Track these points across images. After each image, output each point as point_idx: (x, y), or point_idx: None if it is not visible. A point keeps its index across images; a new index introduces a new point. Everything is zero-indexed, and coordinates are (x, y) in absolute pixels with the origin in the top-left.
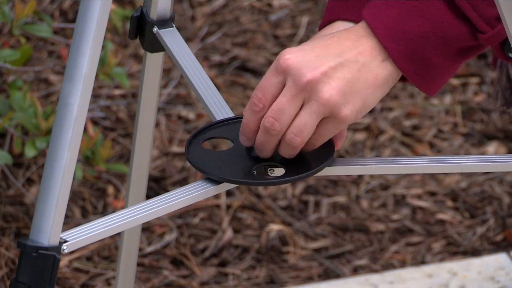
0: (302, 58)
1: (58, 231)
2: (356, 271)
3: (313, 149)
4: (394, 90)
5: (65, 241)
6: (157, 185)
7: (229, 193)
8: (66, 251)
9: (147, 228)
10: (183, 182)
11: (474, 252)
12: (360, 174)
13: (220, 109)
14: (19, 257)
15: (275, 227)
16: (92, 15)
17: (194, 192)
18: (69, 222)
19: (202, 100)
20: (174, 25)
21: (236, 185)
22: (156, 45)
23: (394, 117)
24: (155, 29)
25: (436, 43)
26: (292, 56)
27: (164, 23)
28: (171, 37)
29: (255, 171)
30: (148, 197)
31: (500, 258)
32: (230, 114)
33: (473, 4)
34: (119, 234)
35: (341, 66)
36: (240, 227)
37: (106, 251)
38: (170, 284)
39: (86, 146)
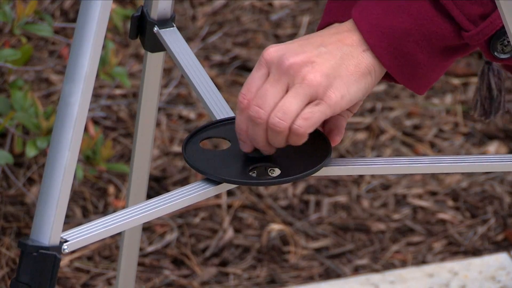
0: (285, 47)
1: (59, 230)
2: (357, 270)
3: (305, 143)
4: (395, 89)
5: (66, 241)
6: (158, 185)
7: (230, 193)
8: (66, 250)
9: (148, 228)
10: (184, 181)
11: (475, 252)
12: (360, 174)
13: (220, 108)
14: (20, 256)
15: (276, 227)
16: (93, 14)
17: (195, 192)
18: (70, 222)
19: (203, 99)
20: (174, 25)
21: (236, 185)
22: (157, 45)
23: (395, 116)
24: (155, 28)
25: (419, 39)
26: (274, 48)
27: (164, 22)
28: (171, 36)
29: (255, 171)
30: (149, 196)
31: (501, 257)
32: (230, 114)
33: (457, 2)
34: (120, 233)
35: (324, 53)
36: (241, 226)
37: (107, 251)
38: (171, 284)
39: (87, 146)
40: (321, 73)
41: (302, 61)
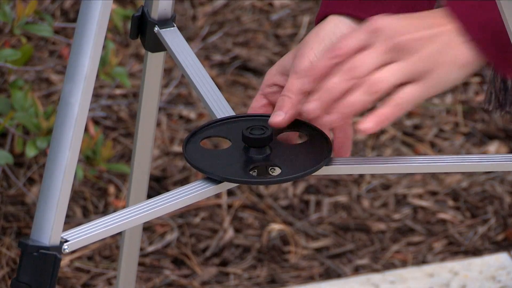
0: (396, 22)
1: (59, 230)
2: (357, 270)
3: (305, 142)
4: None
5: (66, 241)
6: (158, 185)
7: (230, 193)
8: (67, 250)
9: (148, 228)
10: (184, 181)
11: (475, 252)
12: (361, 174)
13: (221, 108)
14: (20, 256)
15: (276, 227)
16: (93, 14)
17: (195, 192)
18: (70, 222)
19: (203, 99)
20: (175, 25)
21: (237, 184)
22: (157, 45)
23: None
24: (156, 28)
25: None
26: (384, 21)
27: (165, 22)
28: (172, 36)
29: (256, 170)
30: (149, 196)
31: (501, 257)
32: (231, 113)
33: None
34: (120, 233)
35: (432, 36)
36: (241, 226)
37: (107, 251)
38: (171, 284)
39: (87, 146)
40: (426, 57)
41: (413, 41)
